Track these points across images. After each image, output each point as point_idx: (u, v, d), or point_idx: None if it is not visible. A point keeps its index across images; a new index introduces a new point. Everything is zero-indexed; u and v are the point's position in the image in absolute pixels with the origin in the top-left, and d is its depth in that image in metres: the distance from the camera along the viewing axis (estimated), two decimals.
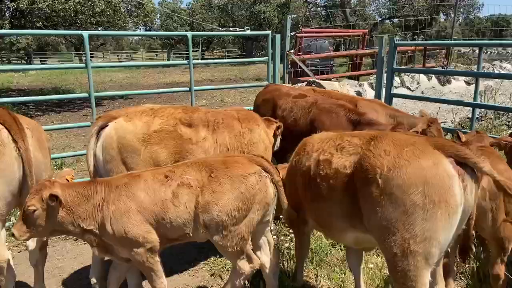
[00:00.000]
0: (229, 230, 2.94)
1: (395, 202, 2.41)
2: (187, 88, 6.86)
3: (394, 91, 7.58)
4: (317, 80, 7.29)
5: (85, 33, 5.57)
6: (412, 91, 8.37)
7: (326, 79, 9.89)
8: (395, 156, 2.48)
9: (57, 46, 51.92)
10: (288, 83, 8.23)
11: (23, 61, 47.52)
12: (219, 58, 50.60)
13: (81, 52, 45.83)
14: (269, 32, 7.44)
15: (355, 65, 12.72)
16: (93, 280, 3.68)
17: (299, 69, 9.75)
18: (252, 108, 5.74)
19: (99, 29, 16.91)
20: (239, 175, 2.98)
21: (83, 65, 5.80)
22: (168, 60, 43.05)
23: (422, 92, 8.45)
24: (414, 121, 4.92)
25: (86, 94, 5.84)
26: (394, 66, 6.88)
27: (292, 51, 8.64)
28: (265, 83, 7.74)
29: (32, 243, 3.51)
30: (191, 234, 2.99)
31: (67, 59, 44.66)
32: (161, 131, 3.62)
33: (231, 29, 8.92)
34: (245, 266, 3.11)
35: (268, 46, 7.46)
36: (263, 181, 3.05)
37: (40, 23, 15.06)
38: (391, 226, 2.42)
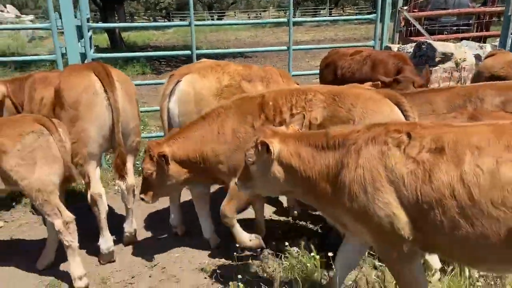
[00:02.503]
0: (21, 185, 3.30)
1: None
2: (285, 47, 6.90)
3: None
4: (429, 40, 6.58)
5: None
6: None
7: (445, 40, 8.84)
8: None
9: (193, 5, 55.19)
10: (398, 43, 7.60)
11: (165, 20, 51.95)
12: (347, 15, 48.38)
13: (212, 11, 48.26)
14: None
15: (482, 25, 11.03)
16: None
17: (412, 28, 8.88)
18: None
19: None
20: (16, 134, 3.28)
21: (186, 23, 6.20)
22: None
23: None
24: None
25: (189, 52, 6.27)
26: None
27: (405, 7, 7.88)
28: (371, 43, 7.31)
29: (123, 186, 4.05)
30: None
31: (201, 17, 47.39)
32: (230, 86, 3.91)
33: None
34: (56, 222, 3.38)
35: (377, 2, 6.95)
36: (43, 138, 3.33)
37: None
38: None
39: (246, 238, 3.68)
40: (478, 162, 2.06)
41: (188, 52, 6.33)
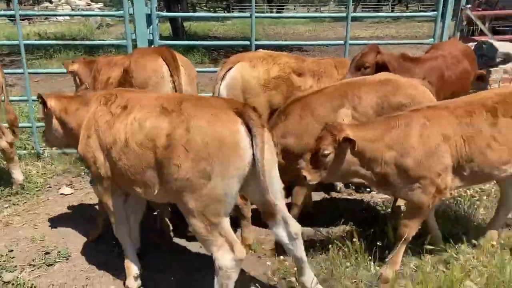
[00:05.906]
0: None
1: None
2: (342, 42, 6.98)
3: None
4: (491, 40, 6.41)
5: None
6: None
7: (510, 40, 8.46)
8: None
9: None
10: None
11: (225, 11, 52.87)
12: (411, 12, 46.64)
13: (272, 4, 48.44)
14: None
15: None
16: None
17: (475, 27, 8.55)
18: None
19: None
20: None
21: (248, 14, 6.47)
22: None
23: None
24: None
25: (248, 42, 6.55)
26: None
27: (469, 6, 7.64)
28: (429, 41, 7.19)
29: None
30: None
31: (261, 10, 47.73)
32: (278, 78, 4.13)
33: None
34: None
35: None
36: None
37: None
38: None
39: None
40: (136, 115, 2.79)
41: (247, 42, 6.61)
